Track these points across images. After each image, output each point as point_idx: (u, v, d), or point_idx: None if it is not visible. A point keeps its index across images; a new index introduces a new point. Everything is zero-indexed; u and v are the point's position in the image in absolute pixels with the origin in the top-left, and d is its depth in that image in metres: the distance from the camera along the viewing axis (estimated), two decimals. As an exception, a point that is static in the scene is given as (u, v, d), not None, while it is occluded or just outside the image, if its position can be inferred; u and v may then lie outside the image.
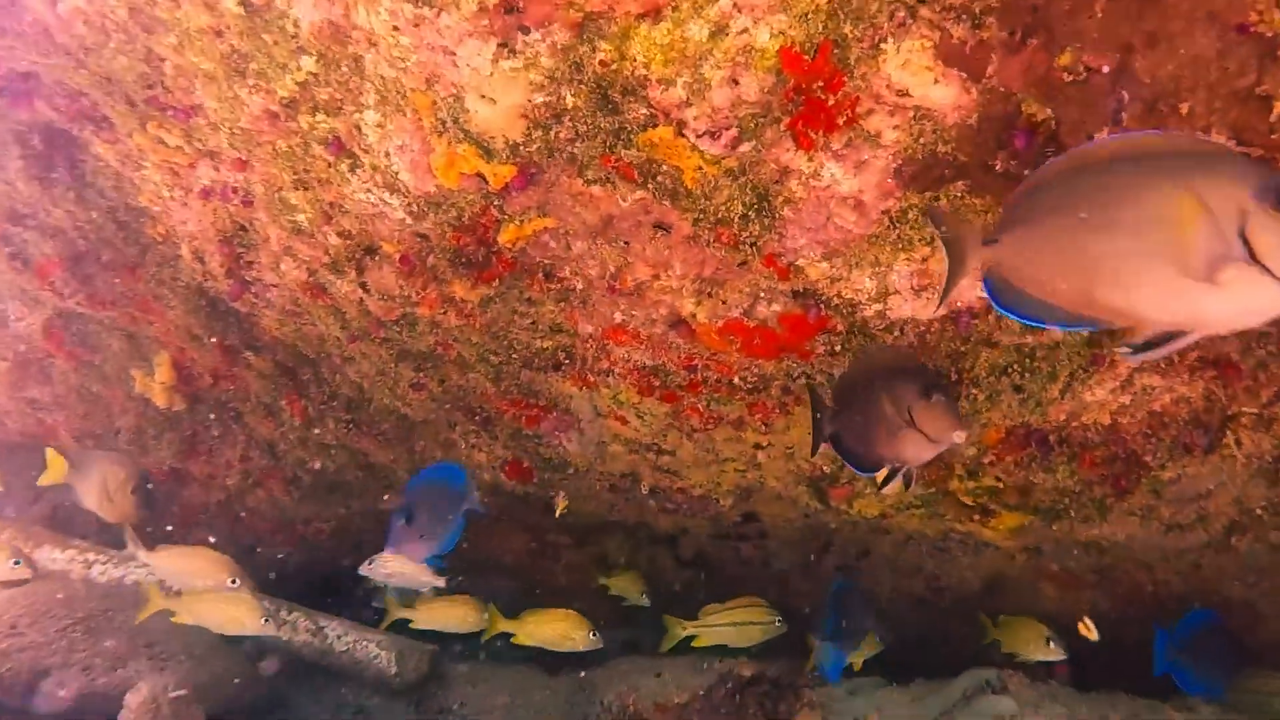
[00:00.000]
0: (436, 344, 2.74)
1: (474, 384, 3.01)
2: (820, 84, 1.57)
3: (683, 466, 3.06)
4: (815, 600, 4.17)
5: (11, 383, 3.87)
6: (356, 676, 4.13)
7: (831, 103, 1.60)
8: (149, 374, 3.80)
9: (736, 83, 1.58)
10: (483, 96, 1.74)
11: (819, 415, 1.99)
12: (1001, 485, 2.50)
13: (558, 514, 3.72)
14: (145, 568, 4.06)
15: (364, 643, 4.03)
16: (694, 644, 3.51)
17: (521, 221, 2.02)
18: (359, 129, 1.98)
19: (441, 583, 3.44)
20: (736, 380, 2.35)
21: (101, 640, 3.42)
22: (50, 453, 2.92)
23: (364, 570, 3.26)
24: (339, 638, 4.04)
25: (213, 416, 3.90)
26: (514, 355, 2.75)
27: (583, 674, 4.06)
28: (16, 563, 3.65)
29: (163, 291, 3.34)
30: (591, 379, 2.66)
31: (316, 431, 3.69)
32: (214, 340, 3.47)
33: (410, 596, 3.63)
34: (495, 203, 2.01)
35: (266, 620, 3.30)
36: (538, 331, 2.58)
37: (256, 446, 3.96)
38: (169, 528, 4.51)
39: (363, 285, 2.48)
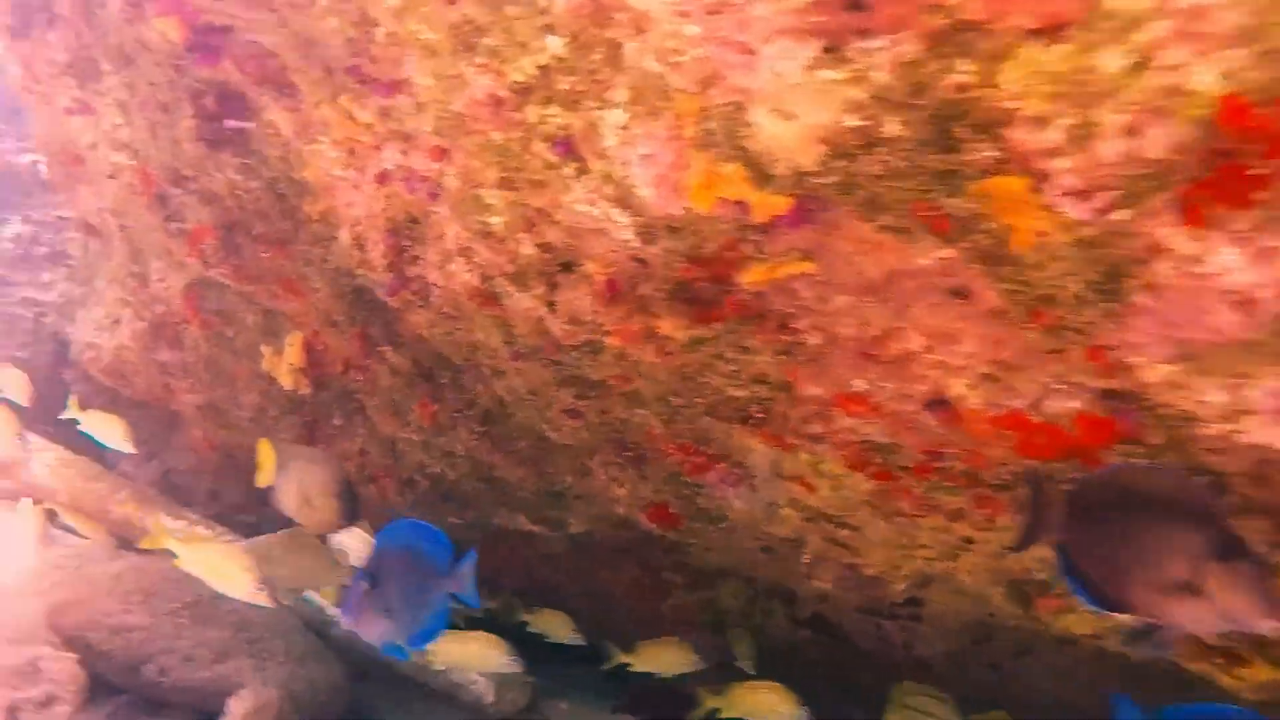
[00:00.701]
0: (615, 376, 2.40)
1: (639, 420, 2.66)
2: (1256, 146, 1.16)
3: (864, 544, 2.66)
4: (957, 691, 3.72)
5: (144, 344, 3.68)
6: (450, 700, 3.84)
7: (1256, 172, 1.19)
8: (279, 353, 3.57)
9: (1137, 133, 1.19)
10: (775, 110, 1.38)
11: (1039, 511, 1.59)
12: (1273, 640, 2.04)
13: None
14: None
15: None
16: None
17: (777, 263, 1.65)
18: (597, 130, 1.63)
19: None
20: (985, 475, 1.94)
21: (206, 630, 3.17)
22: (263, 448, 2.62)
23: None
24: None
25: (336, 405, 3.65)
26: (698, 399, 2.38)
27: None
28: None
29: (309, 272, 3.08)
30: (791, 441, 2.28)
31: (444, 439, 3.39)
32: (354, 329, 3.20)
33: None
34: (751, 237, 1.65)
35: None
36: (737, 380, 2.21)
37: (376, 442, 3.69)
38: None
39: (550, 304, 2.14)
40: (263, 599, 2.49)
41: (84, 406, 3.82)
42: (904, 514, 2.32)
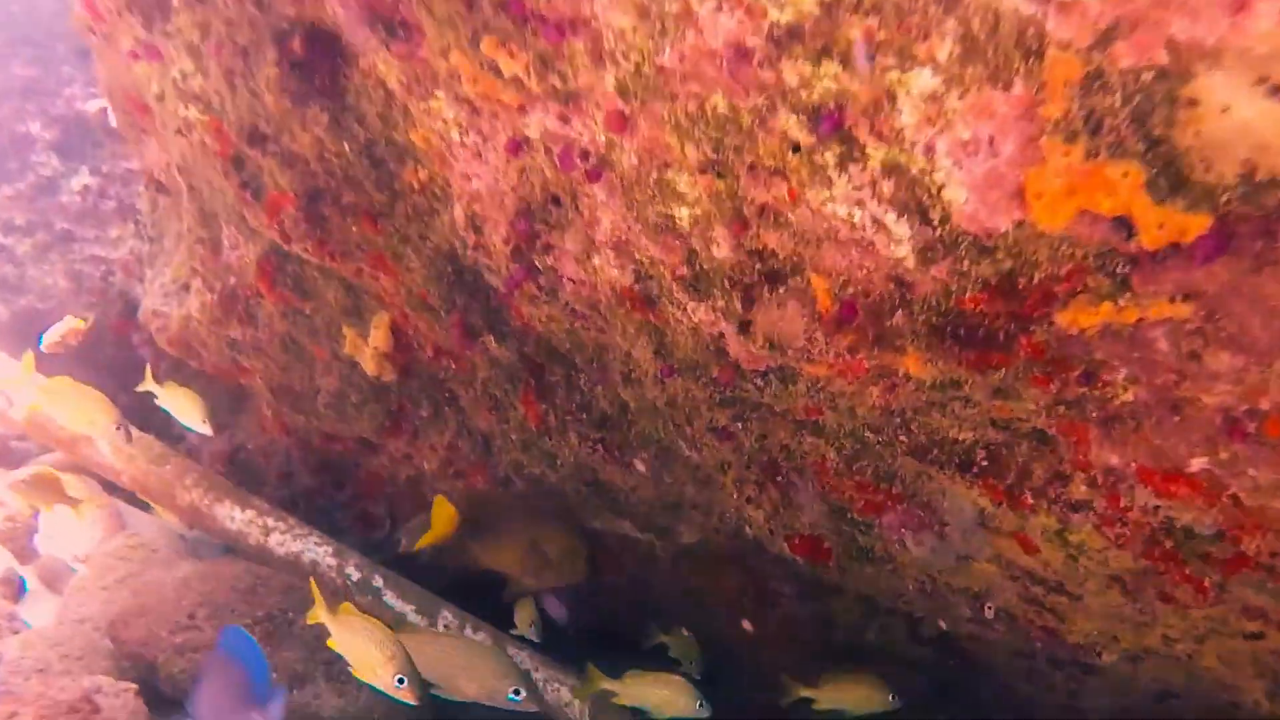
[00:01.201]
0: (799, 407, 1.88)
1: (808, 449, 2.14)
2: None
3: (1078, 613, 2.13)
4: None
5: (214, 317, 3.22)
6: (540, 721, 3.41)
7: None
8: (363, 335, 3.09)
9: None
10: (1258, 81, 0.82)
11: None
12: None
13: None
14: (324, 548, 3.42)
15: (555, 684, 3.29)
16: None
17: (1135, 303, 1.10)
18: (892, 100, 1.09)
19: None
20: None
21: (280, 649, 2.76)
22: (439, 505, 2.26)
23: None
24: (528, 672, 3.31)
25: (424, 395, 3.18)
26: (902, 438, 1.86)
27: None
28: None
29: (405, 250, 2.58)
30: (1027, 499, 1.74)
31: (550, 441, 2.91)
32: (453, 315, 2.71)
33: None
34: (1113, 268, 1.09)
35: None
36: (968, 424, 1.68)
37: (469, 437, 3.22)
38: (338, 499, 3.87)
39: (743, 323, 1.61)
40: (407, 696, 2.05)
41: (155, 376, 3.41)
42: (1170, 599, 1.79)
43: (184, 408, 3.27)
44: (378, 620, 2.48)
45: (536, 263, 2.05)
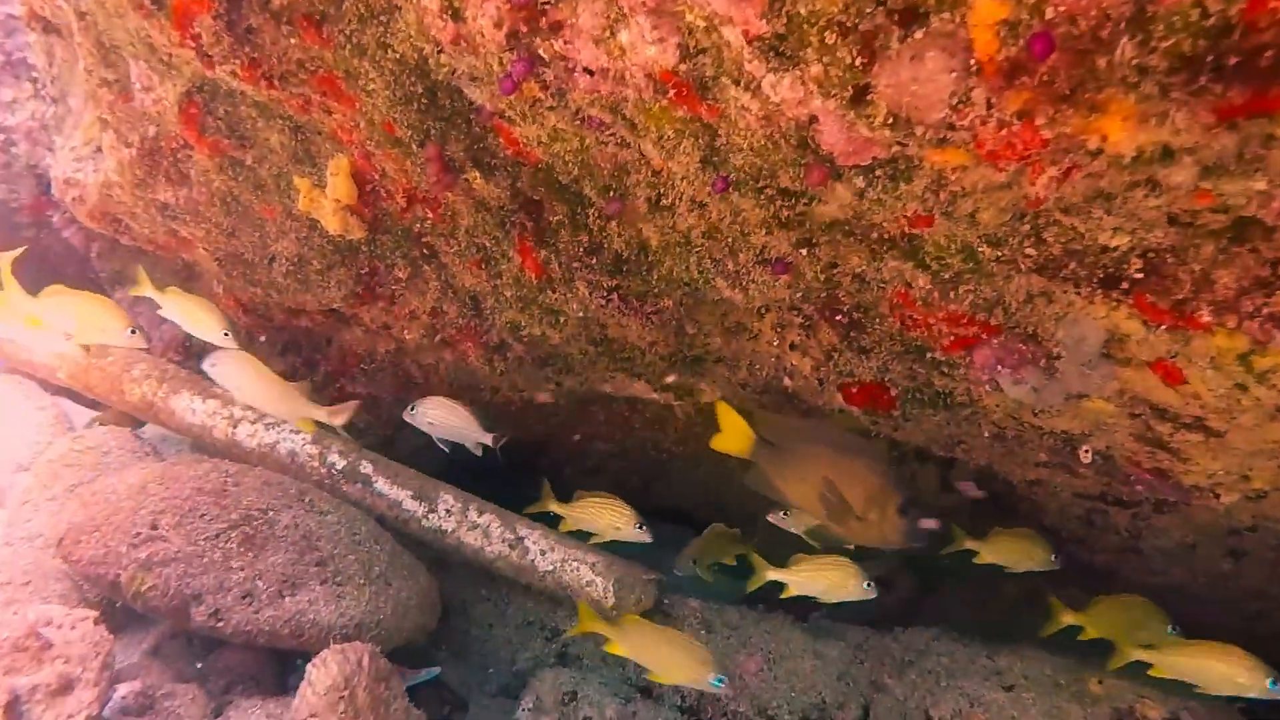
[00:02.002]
0: (909, 217, 1.41)
1: (893, 277, 1.70)
2: None
3: (1207, 452, 1.76)
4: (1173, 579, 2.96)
5: (137, 177, 2.63)
6: (560, 603, 3.09)
7: None
8: (319, 186, 2.54)
9: None
10: None
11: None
12: None
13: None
14: (300, 435, 2.98)
15: (574, 563, 2.94)
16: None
17: None
18: None
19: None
20: None
21: (264, 554, 2.34)
22: (725, 413, 2.14)
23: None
24: (542, 554, 2.95)
25: (399, 252, 2.66)
26: (1030, 252, 1.41)
27: (861, 640, 2.95)
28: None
29: (360, 65, 2.02)
30: (1208, 319, 1.32)
31: (553, 294, 2.43)
32: (427, 148, 2.17)
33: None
34: None
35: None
36: (1129, 224, 1.23)
37: (455, 299, 2.73)
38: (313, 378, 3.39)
39: (857, 93, 1.12)
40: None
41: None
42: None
43: (195, 317, 2.69)
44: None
45: (541, 50, 1.52)
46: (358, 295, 2.77)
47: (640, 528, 2.54)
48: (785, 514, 2.72)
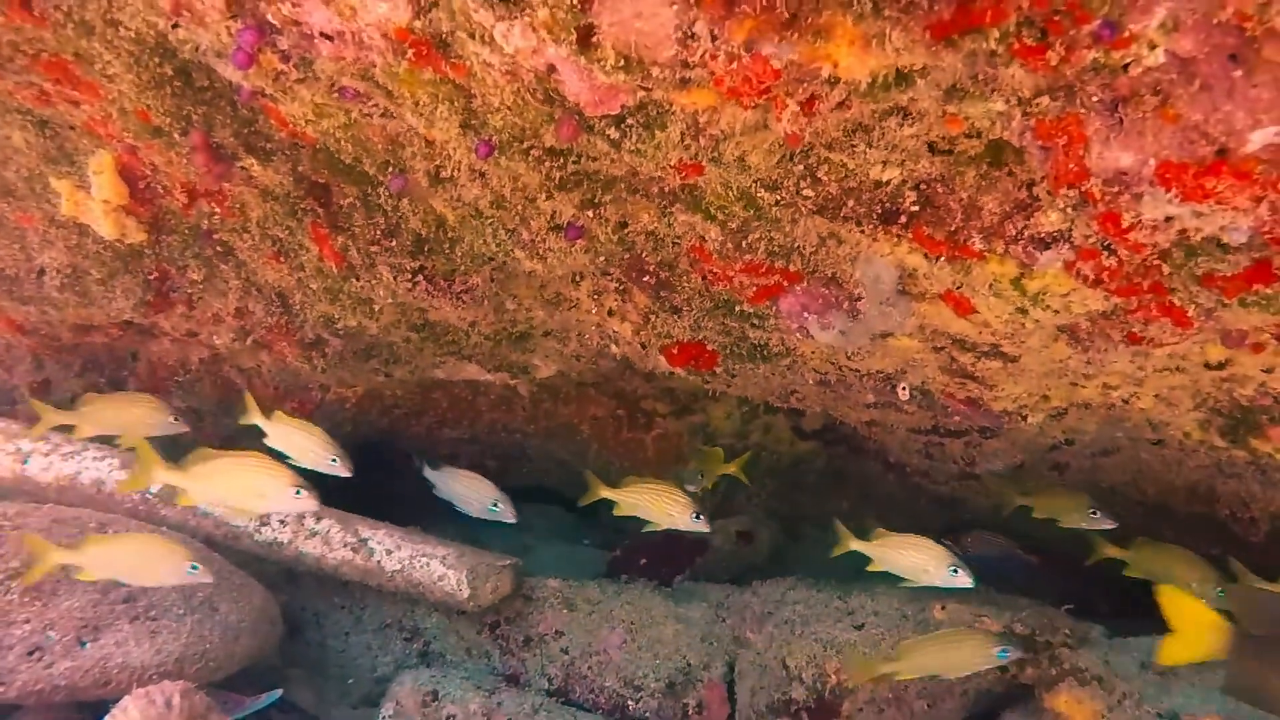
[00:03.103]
0: (677, 165, 1.34)
1: (683, 232, 1.63)
2: None
3: (1008, 378, 1.79)
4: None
5: None
6: (415, 602, 2.95)
7: None
8: (83, 187, 2.28)
9: None
10: None
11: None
12: None
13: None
14: (106, 460, 2.72)
15: (423, 559, 2.80)
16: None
17: None
18: None
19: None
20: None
21: (55, 601, 2.11)
22: None
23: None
24: (388, 553, 2.80)
25: (189, 252, 2.44)
26: (808, 193, 1.37)
27: (723, 598, 2.94)
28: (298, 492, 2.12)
29: (91, 47, 1.79)
30: (980, 247, 1.31)
31: (359, 281, 2.27)
32: (191, 137, 1.97)
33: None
34: None
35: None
36: (895, 156, 1.20)
37: (259, 297, 2.52)
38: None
39: (582, 37, 1.03)
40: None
41: None
42: (1138, 339, 1.44)
43: (303, 446, 2.26)
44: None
45: (269, 15, 1.36)
46: (150, 303, 2.53)
47: (698, 518, 2.35)
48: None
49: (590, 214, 1.62)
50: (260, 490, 2.01)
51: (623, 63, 1.02)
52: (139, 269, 2.47)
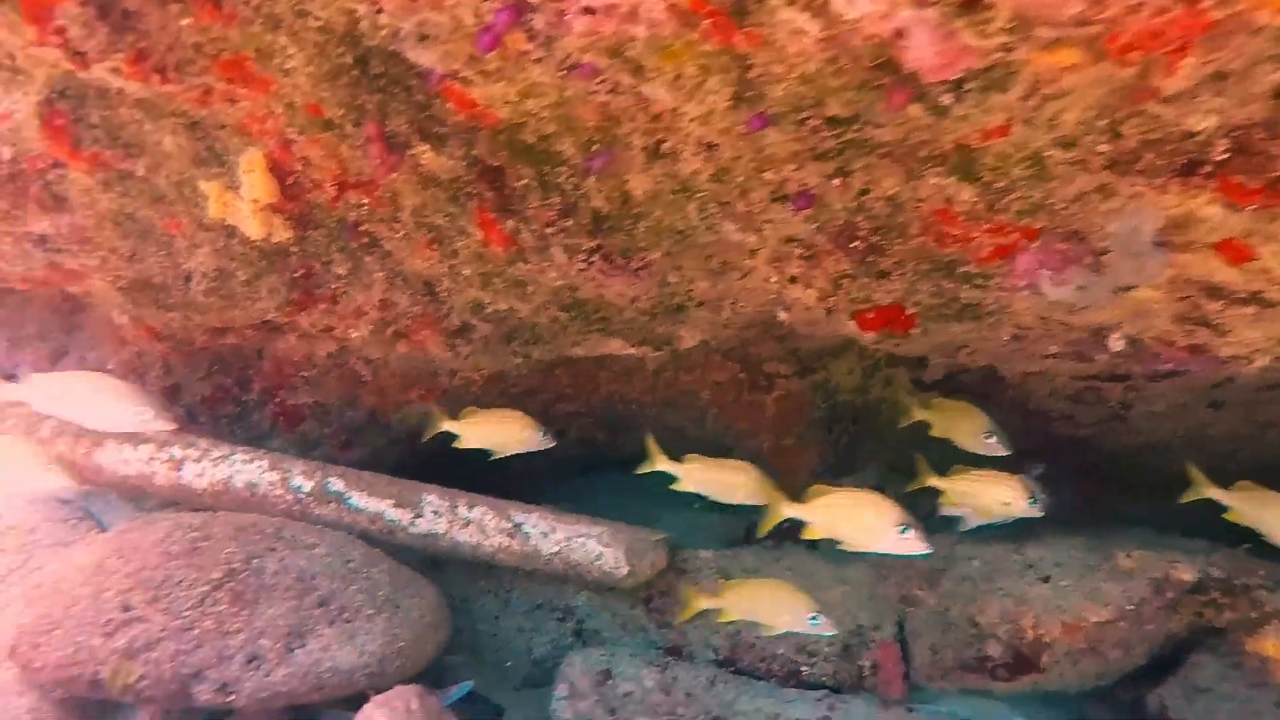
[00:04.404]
0: (985, 129, 1.24)
1: (932, 194, 1.54)
2: None
3: (1244, 324, 1.71)
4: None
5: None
6: (570, 582, 2.92)
7: None
8: (232, 188, 2.19)
9: None
10: None
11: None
12: None
13: None
14: (256, 463, 2.67)
15: (579, 539, 2.76)
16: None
17: None
18: None
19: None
20: None
21: (260, 608, 2.07)
22: None
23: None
24: (544, 536, 2.76)
25: (335, 247, 2.35)
26: (1103, 149, 1.28)
27: (880, 559, 2.90)
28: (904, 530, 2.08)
29: (275, 41, 1.69)
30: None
31: (527, 265, 2.19)
32: (365, 126, 1.86)
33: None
34: None
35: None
36: (1230, 100, 1.11)
37: (405, 287, 2.43)
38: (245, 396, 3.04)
39: (969, 5, 0.93)
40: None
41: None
42: None
43: (502, 435, 2.37)
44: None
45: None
46: (294, 302, 2.45)
47: (905, 531, 2.09)
48: None
49: (836, 182, 1.53)
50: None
51: (1014, 23, 0.93)
52: (285, 267, 2.39)
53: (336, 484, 2.69)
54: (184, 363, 2.88)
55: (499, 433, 2.42)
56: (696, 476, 2.38)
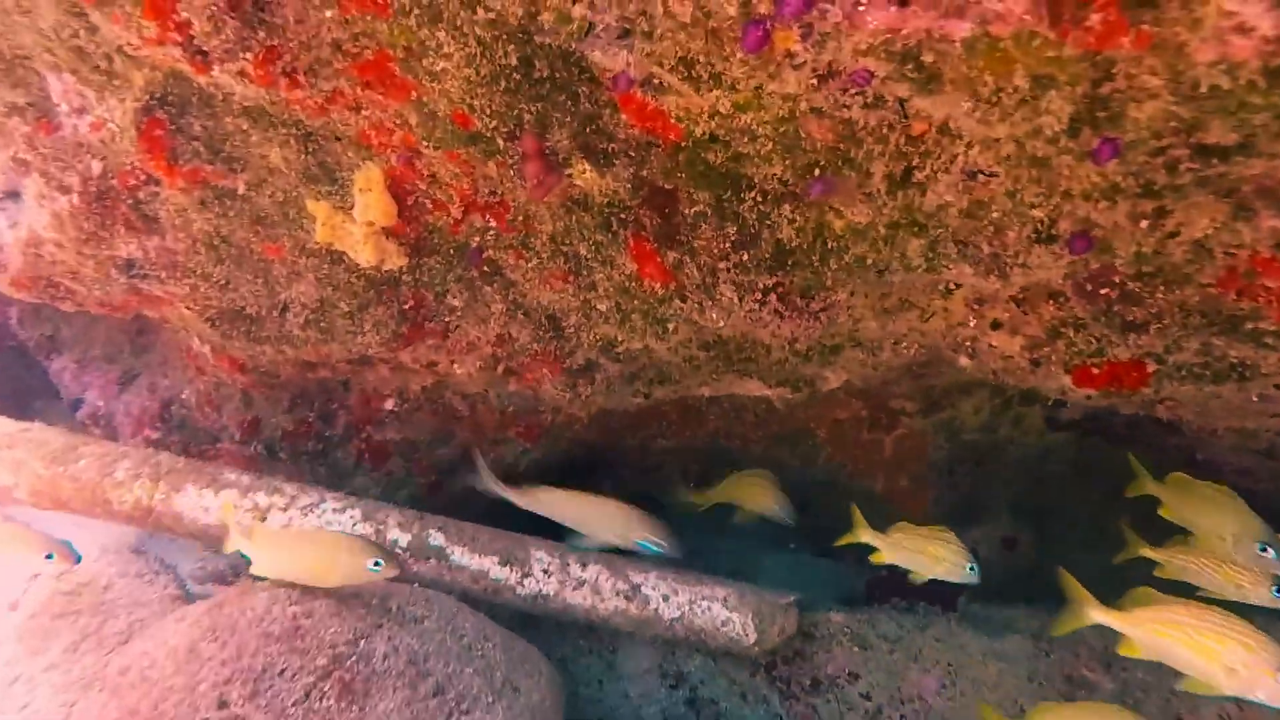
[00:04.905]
0: None
1: (1254, 236, 1.21)
2: None
3: None
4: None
5: (84, 232, 1.92)
6: (694, 648, 2.60)
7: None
8: (343, 209, 1.89)
9: None
10: None
11: None
12: None
13: None
14: (348, 513, 2.37)
15: (704, 603, 2.44)
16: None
17: None
18: None
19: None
20: None
21: (371, 702, 1.76)
22: None
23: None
24: (665, 600, 2.44)
25: (451, 275, 2.04)
26: None
27: (1036, 627, 2.56)
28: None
29: (433, 37, 1.38)
30: None
31: (685, 303, 1.87)
32: (521, 141, 1.55)
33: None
34: None
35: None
36: None
37: (527, 321, 2.13)
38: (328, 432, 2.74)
39: None
40: None
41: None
42: None
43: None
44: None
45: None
46: (401, 336, 2.14)
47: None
48: None
49: (1144, 224, 1.20)
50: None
51: None
52: (393, 298, 2.08)
53: (437, 538, 2.38)
54: (265, 396, 2.59)
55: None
56: (903, 550, 2.06)
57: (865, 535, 2.18)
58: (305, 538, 1.96)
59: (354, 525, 2.37)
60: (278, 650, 1.75)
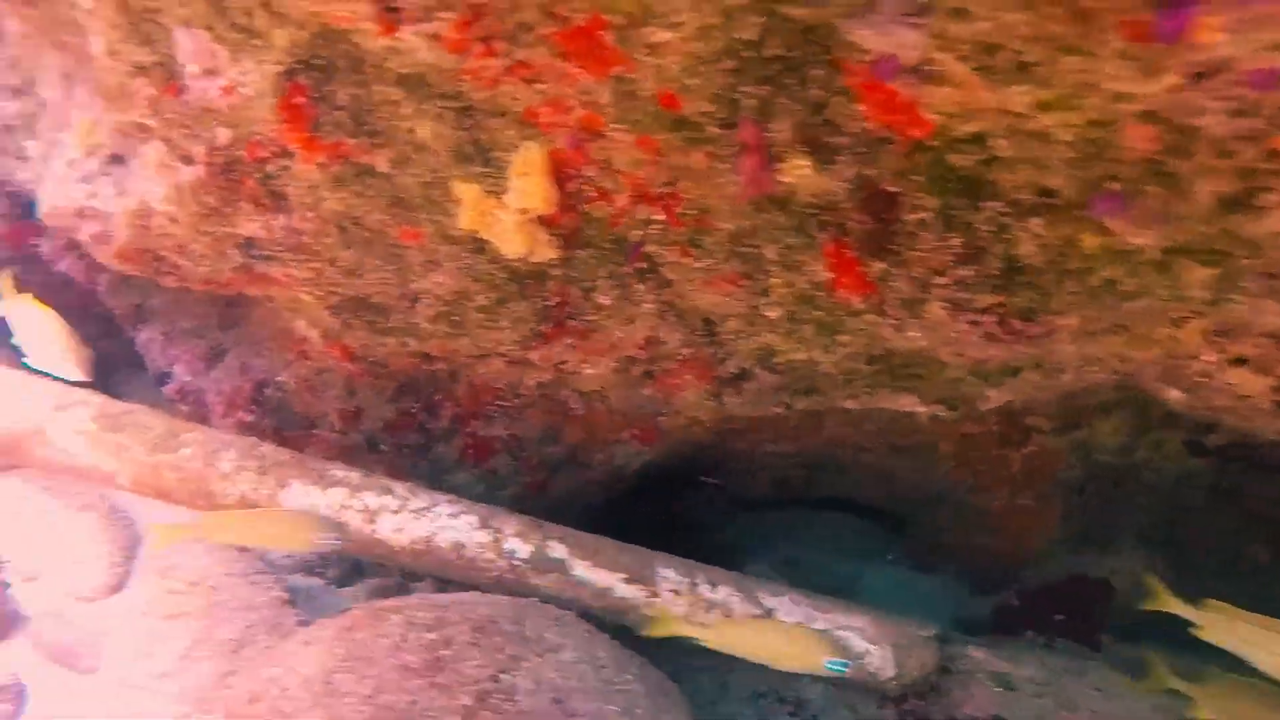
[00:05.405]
0: None
1: None
2: None
3: None
4: None
5: (206, 207, 1.71)
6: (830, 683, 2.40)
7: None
8: (494, 193, 1.67)
9: None
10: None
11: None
12: None
13: None
14: (464, 518, 2.18)
15: (841, 632, 2.25)
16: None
17: None
18: None
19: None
20: None
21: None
22: None
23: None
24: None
25: (603, 270, 1.82)
26: None
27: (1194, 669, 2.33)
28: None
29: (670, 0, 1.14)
30: None
31: (882, 318, 1.64)
32: (740, 130, 1.32)
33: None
34: None
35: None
36: None
37: (680, 324, 1.91)
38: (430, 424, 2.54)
39: None
40: None
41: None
42: None
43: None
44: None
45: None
46: (541, 335, 1.93)
47: None
48: None
49: None
50: None
51: None
52: (537, 293, 1.87)
53: (558, 550, 2.19)
54: (371, 385, 2.40)
55: None
56: (1225, 632, 1.70)
57: (1175, 607, 1.80)
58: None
59: (470, 531, 2.18)
60: (419, 687, 1.57)
